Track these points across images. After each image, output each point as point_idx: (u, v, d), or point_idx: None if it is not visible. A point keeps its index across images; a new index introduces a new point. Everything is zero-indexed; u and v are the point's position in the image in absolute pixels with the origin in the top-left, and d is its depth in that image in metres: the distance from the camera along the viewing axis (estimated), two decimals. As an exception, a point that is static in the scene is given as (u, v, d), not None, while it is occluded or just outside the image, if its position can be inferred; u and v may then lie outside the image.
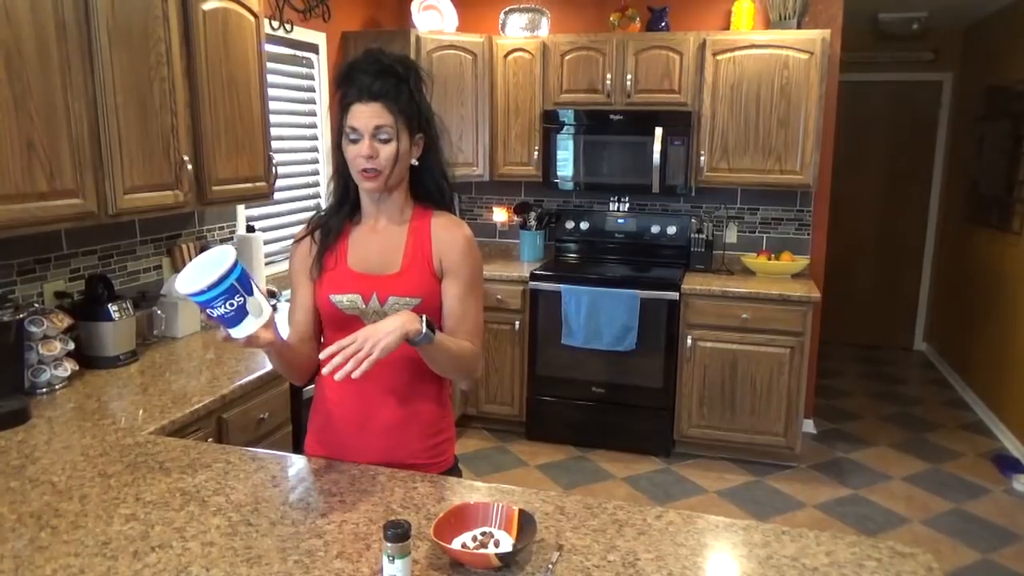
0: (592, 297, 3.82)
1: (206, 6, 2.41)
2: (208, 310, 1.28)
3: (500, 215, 4.58)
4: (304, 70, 3.65)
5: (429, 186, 1.57)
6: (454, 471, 1.65)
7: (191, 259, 2.87)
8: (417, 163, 1.53)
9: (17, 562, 1.21)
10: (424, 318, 1.37)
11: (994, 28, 4.92)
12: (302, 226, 1.65)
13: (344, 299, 1.51)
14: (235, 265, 1.27)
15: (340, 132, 1.48)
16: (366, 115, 1.43)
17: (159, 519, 1.34)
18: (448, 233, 1.54)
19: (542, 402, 4.07)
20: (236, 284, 1.27)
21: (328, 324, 1.56)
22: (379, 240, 1.53)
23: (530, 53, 4.07)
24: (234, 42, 2.57)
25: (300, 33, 3.51)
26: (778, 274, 4.02)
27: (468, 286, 1.53)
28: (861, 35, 5.34)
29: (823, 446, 4.16)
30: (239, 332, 1.30)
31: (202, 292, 1.25)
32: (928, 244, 5.93)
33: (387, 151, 1.45)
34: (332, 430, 1.59)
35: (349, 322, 1.51)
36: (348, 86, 1.45)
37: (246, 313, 1.28)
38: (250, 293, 1.29)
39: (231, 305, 1.27)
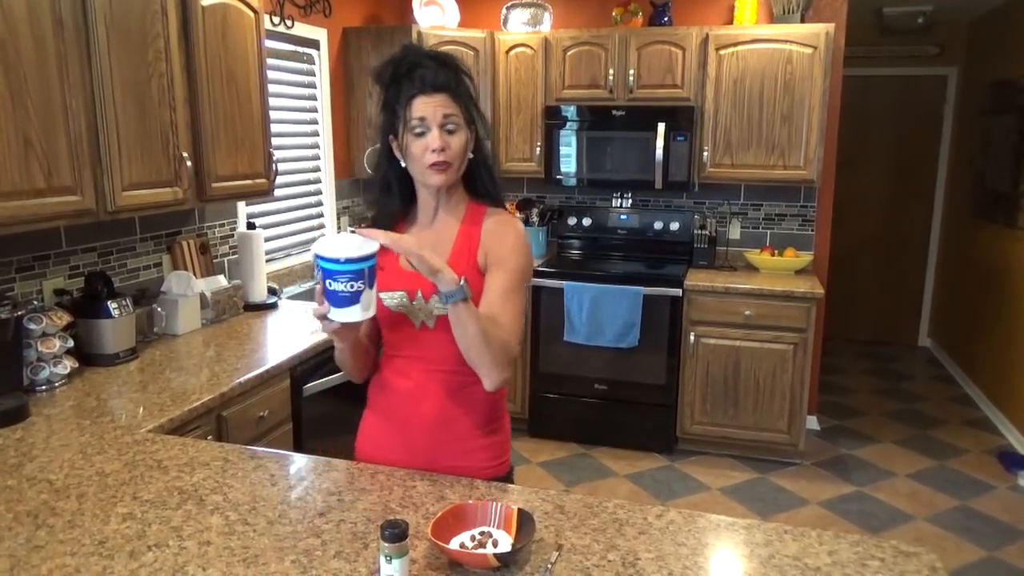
0: (595, 294, 3.81)
1: (205, 1, 2.40)
2: (329, 280, 1.27)
3: (502, 211, 4.56)
4: (305, 66, 3.64)
5: (484, 179, 1.53)
6: (507, 479, 1.59)
7: (191, 256, 2.88)
8: (472, 156, 1.49)
9: (13, 561, 1.20)
10: (463, 286, 1.30)
11: (1000, 22, 4.88)
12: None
13: (390, 296, 1.48)
14: (374, 255, 1.28)
15: (392, 130, 1.44)
16: (433, 105, 1.40)
17: (156, 518, 1.33)
18: (498, 227, 1.49)
19: (544, 399, 4.06)
20: (367, 271, 1.27)
21: (383, 324, 1.54)
22: (431, 237, 1.49)
23: (532, 48, 4.05)
24: (233, 38, 2.55)
25: (301, 29, 3.50)
26: (782, 270, 4.00)
27: (512, 280, 1.45)
28: (865, 29, 5.31)
29: (827, 443, 4.14)
30: (340, 316, 1.29)
31: (338, 261, 1.25)
32: (933, 240, 5.90)
33: (457, 141, 1.42)
34: (382, 430, 1.57)
35: (398, 321, 1.49)
36: (407, 80, 1.41)
37: (357, 302, 1.28)
38: (371, 287, 1.29)
39: (351, 286, 1.26)
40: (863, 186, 5.91)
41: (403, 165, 1.47)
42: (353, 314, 1.29)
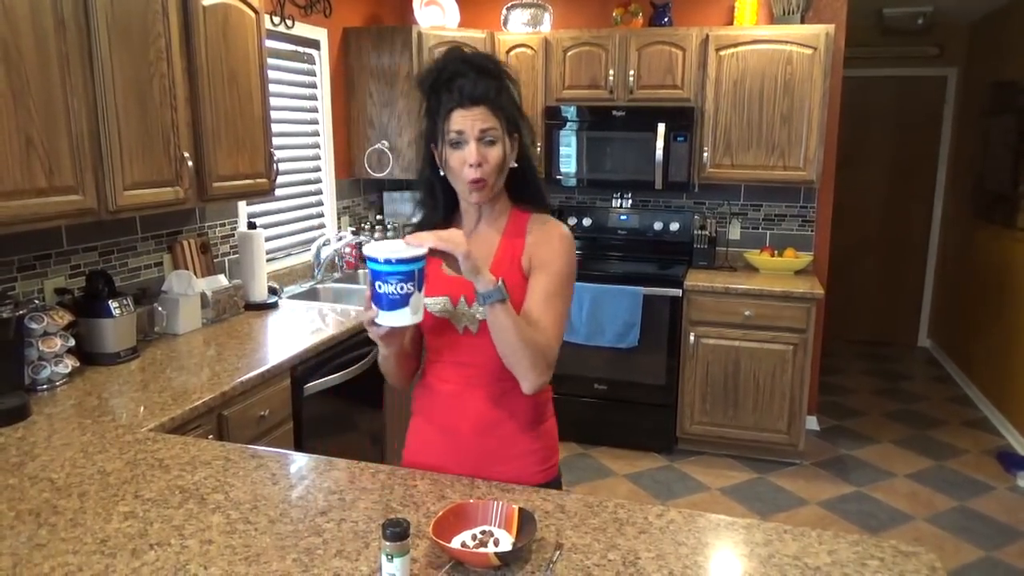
0: (594, 294, 3.81)
1: (206, 2, 2.40)
2: (378, 282, 1.26)
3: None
4: (306, 66, 3.64)
5: (527, 187, 1.52)
6: (554, 484, 1.58)
7: (192, 256, 2.88)
8: (516, 164, 1.47)
9: (15, 559, 1.21)
10: (500, 287, 1.30)
11: (1000, 23, 4.88)
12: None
13: (434, 302, 1.46)
14: (424, 257, 1.27)
15: (432, 140, 1.43)
16: (471, 119, 1.38)
17: (158, 517, 1.34)
18: (542, 230, 1.48)
19: (544, 399, 4.05)
20: (417, 272, 1.26)
21: (426, 330, 1.52)
22: (474, 243, 1.45)
23: (532, 49, 4.06)
24: (234, 38, 2.56)
25: (301, 29, 3.50)
26: (781, 271, 4.00)
27: (555, 284, 1.43)
28: (865, 30, 5.32)
29: (826, 443, 4.14)
30: (388, 319, 1.27)
31: (389, 262, 1.23)
32: (932, 240, 5.91)
33: (494, 155, 1.40)
34: (430, 437, 1.55)
35: (441, 326, 1.48)
36: (446, 91, 1.39)
37: (406, 305, 1.26)
38: (419, 290, 1.28)
39: (401, 288, 1.25)
40: (863, 187, 5.91)
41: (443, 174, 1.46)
42: (402, 318, 1.27)
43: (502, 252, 1.48)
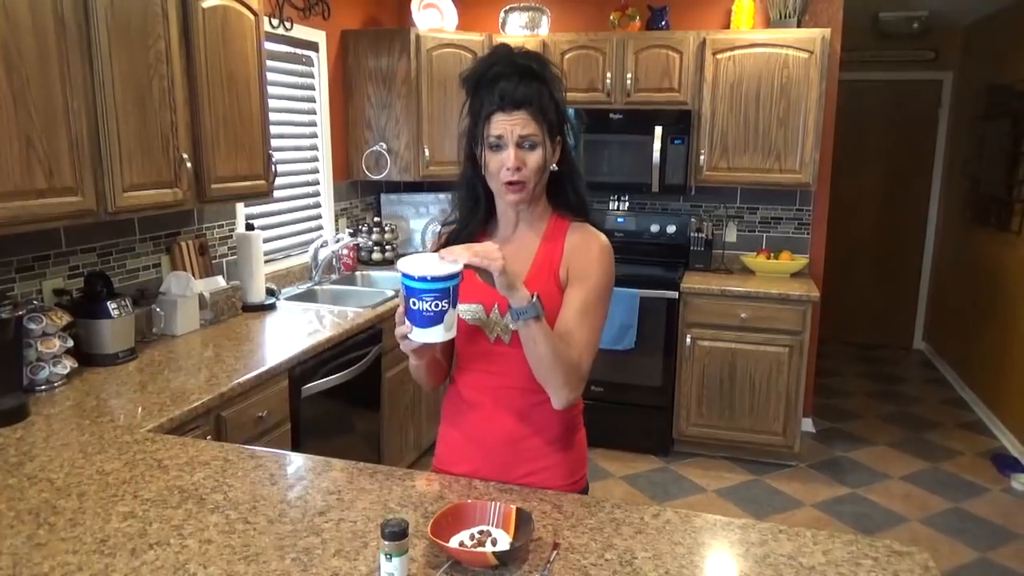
0: (591, 296, 3.81)
1: (205, 4, 2.41)
2: (413, 300, 1.24)
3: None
4: (304, 68, 3.65)
5: (568, 192, 1.49)
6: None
7: (190, 257, 2.88)
8: (556, 168, 1.45)
9: (15, 559, 1.21)
10: (535, 303, 1.28)
11: (994, 27, 4.91)
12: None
13: (466, 309, 1.43)
14: (459, 274, 1.25)
15: (473, 139, 1.42)
16: (511, 124, 1.36)
17: (157, 517, 1.34)
18: (581, 241, 1.45)
19: (541, 400, 4.06)
20: (451, 289, 1.25)
21: (457, 337, 1.46)
22: (511, 251, 1.41)
23: (530, 51, 4.06)
24: (233, 40, 2.56)
25: (300, 31, 3.51)
26: (777, 273, 4.02)
27: (593, 297, 1.40)
28: (861, 34, 5.34)
29: (822, 445, 4.16)
30: (423, 336, 1.25)
31: (424, 279, 1.21)
32: (928, 243, 5.93)
33: (533, 160, 1.38)
34: (460, 444, 1.54)
35: (473, 334, 1.46)
36: (488, 93, 1.37)
37: (440, 321, 1.25)
38: (454, 307, 1.26)
39: (436, 306, 1.23)
40: (859, 189, 5.94)
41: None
42: (436, 334, 1.25)
43: (541, 258, 1.45)
